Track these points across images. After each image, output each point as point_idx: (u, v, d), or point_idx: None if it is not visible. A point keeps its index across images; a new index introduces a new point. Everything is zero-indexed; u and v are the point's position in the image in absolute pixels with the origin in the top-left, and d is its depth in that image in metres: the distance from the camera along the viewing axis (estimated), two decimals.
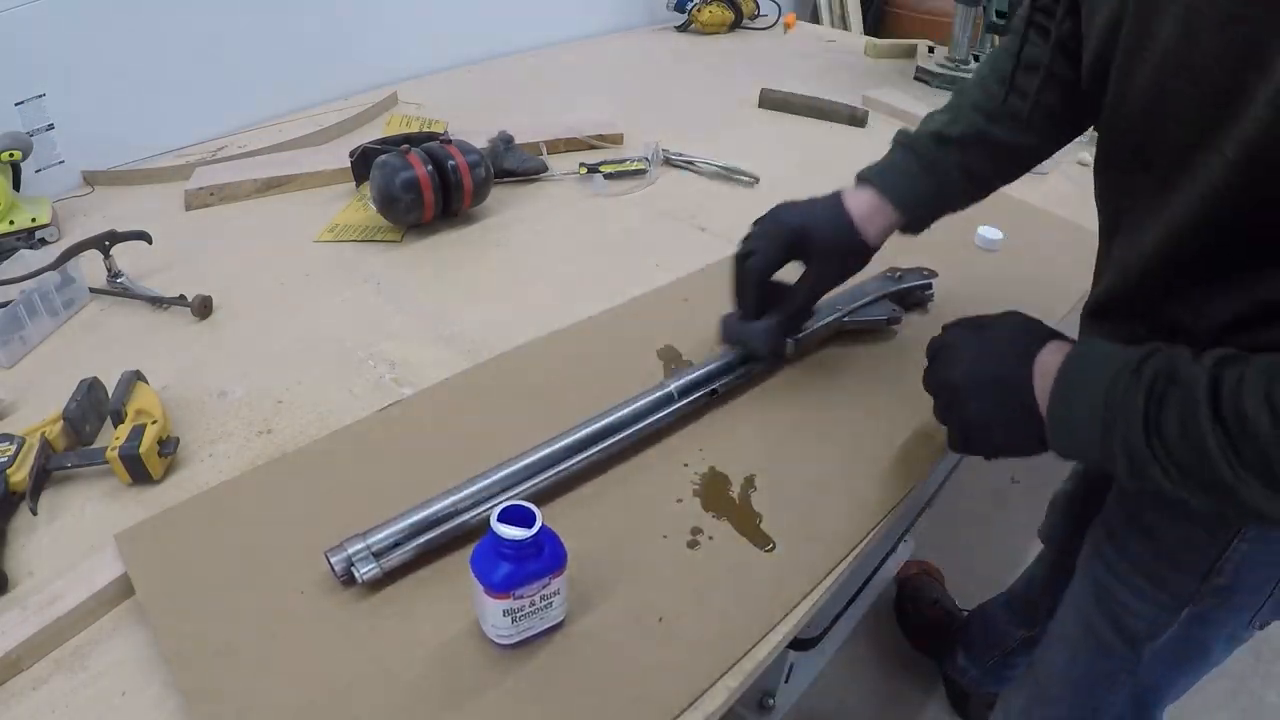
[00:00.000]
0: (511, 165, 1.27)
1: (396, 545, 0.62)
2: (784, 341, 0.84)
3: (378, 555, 0.61)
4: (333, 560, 0.60)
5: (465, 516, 0.65)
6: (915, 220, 0.79)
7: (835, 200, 0.78)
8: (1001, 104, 0.74)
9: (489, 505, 0.65)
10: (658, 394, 0.77)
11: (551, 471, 0.69)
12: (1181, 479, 0.48)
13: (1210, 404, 0.46)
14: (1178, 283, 0.58)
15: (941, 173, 0.77)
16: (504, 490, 0.67)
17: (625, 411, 0.75)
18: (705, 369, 0.80)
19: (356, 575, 0.60)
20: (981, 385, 0.60)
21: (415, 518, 0.63)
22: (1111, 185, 0.65)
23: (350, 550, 0.60)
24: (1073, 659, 0.83)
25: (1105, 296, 0.67)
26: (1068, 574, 1.13)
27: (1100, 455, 0.52)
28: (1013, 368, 0.59)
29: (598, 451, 0.72)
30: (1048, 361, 0.57)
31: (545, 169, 1.30)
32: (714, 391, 0.79)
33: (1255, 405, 0.44)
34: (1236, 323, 0.54)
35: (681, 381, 0.78)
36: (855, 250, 0.78)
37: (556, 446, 0.71)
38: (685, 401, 0.78)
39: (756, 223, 0.79)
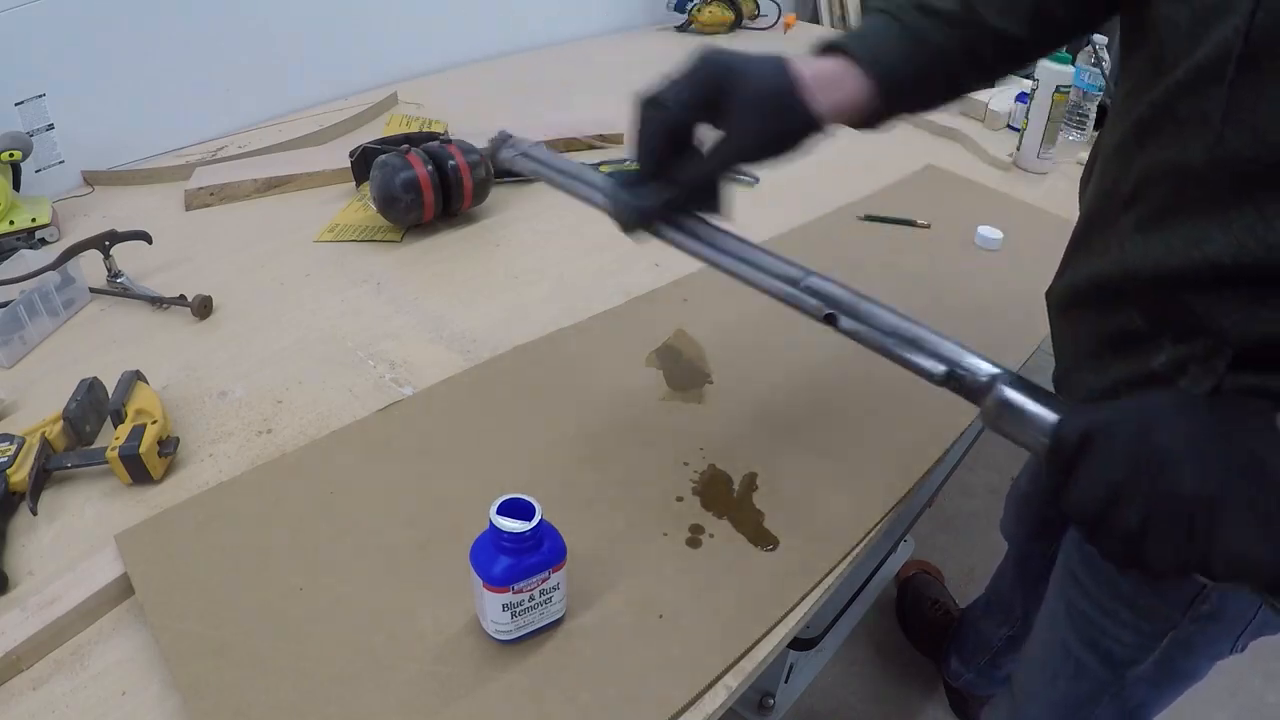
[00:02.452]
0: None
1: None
2: (655, 216, 0.62)
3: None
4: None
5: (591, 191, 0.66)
6: (890, 92, 0.59)
7: (779, 59, 0.58)
8: None
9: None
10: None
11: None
12: None
13: None
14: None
15: (929, 48, 0.59)
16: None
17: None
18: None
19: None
20: (1234, 486, 0.39)
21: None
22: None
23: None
24: (1052, 682, 0.82)
25: (1098, 280, 0.60)
26: (1029, 574, 1.13)
27: None
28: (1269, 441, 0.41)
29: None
30: None
31: None
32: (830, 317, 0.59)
33: None
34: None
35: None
36: (791, 112, 0.57)
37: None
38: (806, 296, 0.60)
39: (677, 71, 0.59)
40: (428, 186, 1.08)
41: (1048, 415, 0.45)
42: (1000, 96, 1.60)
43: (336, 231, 1.14)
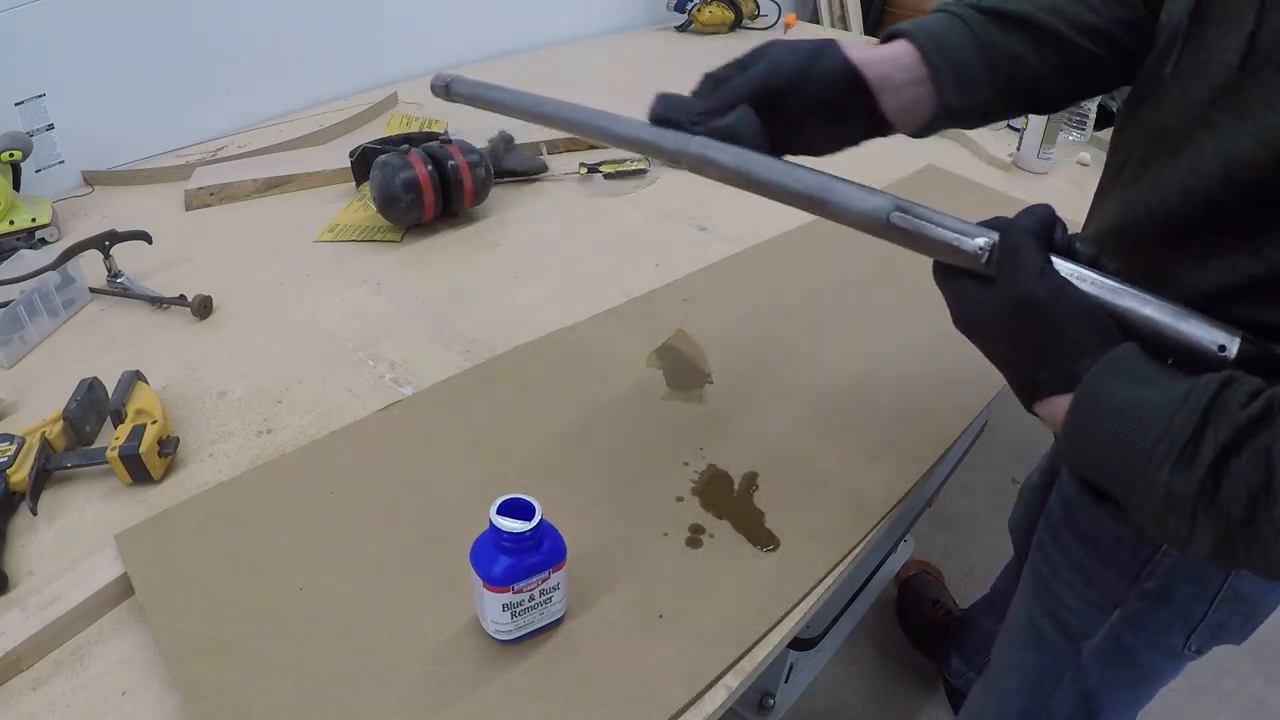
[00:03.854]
0: (512, 165, 1.27)
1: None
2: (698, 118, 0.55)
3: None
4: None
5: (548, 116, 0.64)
6: (960, 96, 0.56)
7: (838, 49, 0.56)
8: None
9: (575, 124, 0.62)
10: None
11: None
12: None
13: None
14: (1185, 237, 0.51)
15: (999, 54, 0.56)
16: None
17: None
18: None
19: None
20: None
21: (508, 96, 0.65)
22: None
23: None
24: (1020, 651, 0.83)
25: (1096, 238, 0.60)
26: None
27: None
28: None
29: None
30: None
31: (545, 169, 1.30)
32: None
33: None
34: (1231, 290, 0.49)
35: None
36: (825, 56, 0.55)
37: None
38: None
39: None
40: (428, 186, 1.08)
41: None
42: None
43: (336, 231, 1.14)
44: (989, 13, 0.57)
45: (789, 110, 0.55)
